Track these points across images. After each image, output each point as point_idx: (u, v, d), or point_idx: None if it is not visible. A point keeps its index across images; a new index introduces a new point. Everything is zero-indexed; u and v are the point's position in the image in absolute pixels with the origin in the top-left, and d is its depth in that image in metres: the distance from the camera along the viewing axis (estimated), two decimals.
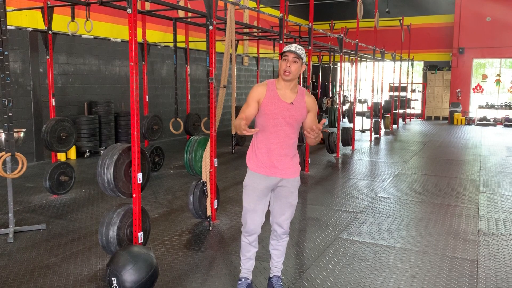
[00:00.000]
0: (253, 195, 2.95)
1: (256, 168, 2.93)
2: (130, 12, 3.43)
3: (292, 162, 2.96)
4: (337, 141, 9.18)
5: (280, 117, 2.86)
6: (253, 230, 2.99)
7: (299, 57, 2.82)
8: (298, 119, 2.91)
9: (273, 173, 2.90)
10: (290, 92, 2.90)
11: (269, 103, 2.86)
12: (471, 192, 6.32)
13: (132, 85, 3.45)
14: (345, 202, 5.70)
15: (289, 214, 3.01)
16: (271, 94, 2.88)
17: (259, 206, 2.96)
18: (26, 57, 7.86)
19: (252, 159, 2.98)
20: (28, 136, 7.78)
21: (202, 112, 11.61)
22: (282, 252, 3.13)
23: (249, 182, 2.96)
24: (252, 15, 13.61)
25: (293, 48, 2.82)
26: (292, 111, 2.87)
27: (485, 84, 18.22)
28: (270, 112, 2.86)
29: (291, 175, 2.94)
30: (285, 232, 3.06)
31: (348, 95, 17.60)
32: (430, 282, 3.41)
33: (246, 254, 3.10)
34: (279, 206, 2.99)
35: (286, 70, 2.82)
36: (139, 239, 3.61)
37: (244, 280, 3.14)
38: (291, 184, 2.96)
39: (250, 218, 2.97)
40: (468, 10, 17.48)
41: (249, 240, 3.05)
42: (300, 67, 2.85)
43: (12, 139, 4.00)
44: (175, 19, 7.24)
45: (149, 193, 5.97)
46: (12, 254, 3.87)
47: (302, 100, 2.93)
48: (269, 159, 2.90)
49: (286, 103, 2.87)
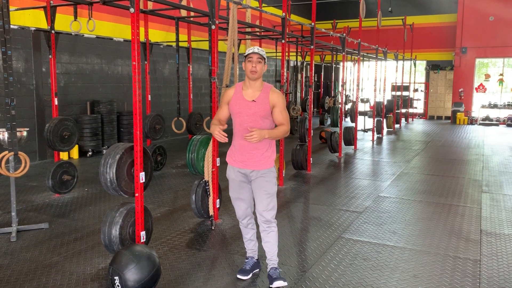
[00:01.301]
0: (234, 186, 3.32)
1: (232, 162, 3.29)
2: (132, 11, 3.43)
3: (263, 156, 3.19)
4: (339, 140, 9.17)
5: (244, 114, 3.15)
6: (242, 214, 3.35)
7: (262, 57, 3.13)
8: (262, 115, 3.14)
9: (245, 166, 3.21)
10: (254, 91, 3.17)
11: (235, 103, 3.20)
12: (474, 192, 6.30)
13: (135, 85, 3.45)
14: (347, 202, 5.69)
15: (267, 202, 3.19)
16: (237, 95, 3.21)
17: (242, 194, 3.30)
18: (29, 57, 7.88)
19: (229, 154, 3.33)
20: (31, 135, 7.79)
21: (204, 111, 11.60)
22: (273, 243, 3.26)
23: (229, 174, 3.33)
24: (255, 15, 13.60)
25: (256, 50, 3.12)
26: (255, 108, 3.13)
27: (488, 84, 18.16)
28: (236, 111, 3.19)
29: (261, 166, 3.19)
30: (267, 221, 3.21)
31: (350, 94, 17.59)
32: (433, 282, 3.40)
33: (246, 236, 3.44)
34: (257, 195, 3.24)
35: (252, 70, 3.10)
36: (142, 238, 3.62)
37: (250, 259, 3.46)
38: (264, 174, 3.20)
39: (237, 205, 3.36)
40: (471, 9, 17.43)
41: (243, 224, 3.39)
42: (263, 66, 3.14)
43: (15, 138, 4.01)
44: (178, 19, 7.24)
45: (151, 193, 5.98)
46: (15, 253, 3.88)
47: (266, 96, 3.15)
48: (242, 153, 3.21)
49: (249, 101, 3.15)
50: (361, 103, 14.56)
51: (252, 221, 3.40)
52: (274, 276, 3.22)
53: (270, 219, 3.20)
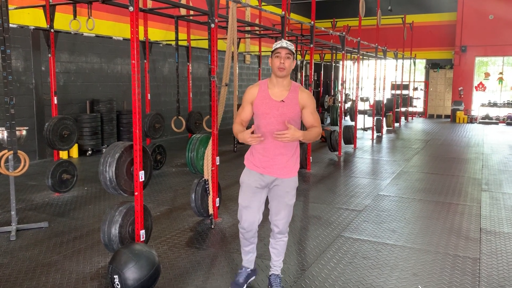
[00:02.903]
0: (247, 192, 2.97)
1: (252, 166, 2.96)
2: (132, 10, 3.43)
3: (289, 162, 2.92)
4: (339, 139, 9.17)
5: (271, 116, 2.85)
6: (247, 227, 3.00)
7: (292, 52, 2.81)
8: (291, 116, 2.85)
9: (268, 172, 2.91)
10: (282, 90, 2.88)
11: (260, 103, 2.88)
12: (473, 190, 6.30)
13: (134, 83, 3.45)
14: (347, 200, 5.69)
15: (284, 214, 2.98)
16: (262, 94, 2.90)
17: (254, 203, 2.96)
18: (28, 55, 7.87)
19: (249, 157, 3.01)
20: (30, 134, 7.79)
21: (204, 110, 11.59)
22: (280, 252, 3.11)
23: (245, 179, 3.00)
24: (254, 13, 13.59)
25: (284, 44, 2.81)
26: (283, 109, 2.84)
27: (487, 82, 18.16)
28: (261, 112, 2.88)
29: (286, 175, 2.92)
30: (281, 232, 3.03)
31: (350, 93, 17.58)
32: (432, 280, 3.40)
33: (245, 248, 3.16)
34: (275, 205, 2.99)
35: (281, 67, 2.80)
36: (141, 237, 3.62)
37: (244, 269, 3.21)
38: (287, 184, 2.94)
39: (245, 215, 2.99)
40: (471, 8, 17.42)
41: (245, 236, 3.07)
42: (292, 62, 2.84)
43: (15, 137, 4.01)
44: (177, 17, 7.24)
45: (151, 191, 5.98)
46: (15, 252, 3.88)
47: (295, 96, 2.88)
48: (265, 158, 2.90)
49: (277, 101, 2.86)
50: (361, 102, 14.55)
51: (256, 233, 3.10)
52: (274, 286, 3.10)
53: (284, 230, 3.04)
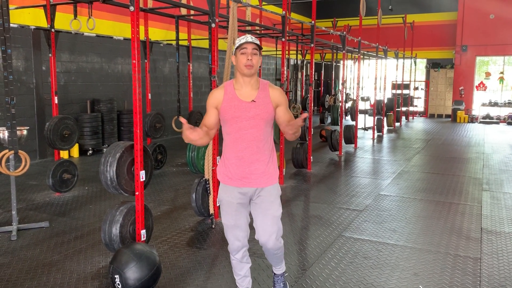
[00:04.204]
0: (230, 210, 2.63)
1: (228, 180, 2.63)
2: (132, 9, 3.43)
3: (267, 167, 2.62)
4: (339, 139, 9.17)
5: (243, 119, 2.54)
6: (239, 246, 2.69)
7: (258, 47, 2.54)
8: (265, 117, 2.57)
9: (247, 184, 2.59)
10: (250, 90, 2.58)
11: (228, 107, 2.56)
12: (474, 190, 6.30)
13: (135, 83, 3.45)
14: (347, 200, 5.69)
15: (273, 229, 2.63)
16: (228, 96, 2.58)
17: (240, 220, 2.65)
18: (29, 55, 7.87)
19: (222, 170, 2.66)
20: (31, 134, 7.79)
21: (204, 110, 11.57)
22: (279, 260, 2.88)
23: (223, 196, 2.66)
24: (255, 13, 13.58)
25: (250, 39, 2.51)
26: (256, 110, 2.55)
27: (488, 82, 18.15)
28: (231, 117, 2.55)
29: (266, 183, 2.62)
30: (274, 248, 2.70)
31: (350, 93, 17.57)
32: (433, 280, 3.40)
33: (240, 272, 2.81)
34: (260, 220, 2.64)
35: (248, 64, 2.50)
36: (142, 237, 3.62)
37: None
38: (270, 193, 2.63)
39: (233, 235, 2.66)
40: (471, 8, 17.41)
41: (238, 258, 2.75)
42: (259, 58, 2.57)
43: (15, 137, 4.01)
44: (178, 17, 7.23)
45: (151, 191, 5.98)
46: (16, 252, 3.88)
47: (266, 95, 2.59)
48: (240, 169, 2.58)
49: (247, 102, 2.55)
50: (362, 101, 14.54)
51: (247, 252, 2.78)
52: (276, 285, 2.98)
53: (277, 245, 2.69)
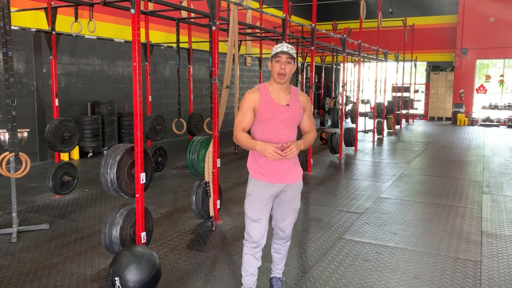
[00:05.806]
0: (258, 204, 2.81)
1: (260, 176, 2.81)
2: (133, 12, 3.44)
3: (295, 166, 2.88)
4: (340, 141, 9.17)
5: (279, 121, 2.77)
6: (259, 240, 2.84)
7: (292, 57, 2.73)
8: (297, 120, 2.85)
9: (277, 180, 2.80)
10: (284, 94, 2.81)
11: (265, 109, 2.76)
12: (474, 193, 6.30)
13: (135, 85, 3.46)
14: (348, 203, 5.69)
15: (291, 219, 2.95)
16: (265, 99, 2.77)
17: (264, 215, 2.83)
18: (30, 58, 7.89)
19: (254, 166, 2.85)
20: (32, 136, 7.80)
21: (204, 112, 11.62)
22: (284, 255, 3.10)
23: (255, 190, 2.82)
24: (255, 16, 13.61)
25: (285, 49, 2.71)
26: (290, 112, 2.80)
27: (488, 85, 18.16)
28: (268, 118, 2.76)
29: (294, 180, 2.87)
30: (287, 236, 3.00)
31: (351, 95, 17.58)
32: (433, 283, 3.40)
33: (249, 269, 2.91)
34: (281, 211, 2.91)
35: (281, 73, 2.72)
36: (142, 239, 3.62)
37: None
38: (295, 189, 2.89)
39: (257, 229, 2.82)
40: (472, 10, 17.44)
41: (253, 252, 2.86)
42: (293, 67, 2.76)
43: (16, 139, 4.02)
44: (178, 20, 7.25)
45: (152, 193, 5.98)
46: (16, 254, 3.88)
47: (297, 99, 2.85)
48: (272, 166, 2.79)
49: (282, 105, 2.78)
50: (362, 104, 14.56)
51: (261, 251, 2.92)
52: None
53: (290, 233, 3.00)
